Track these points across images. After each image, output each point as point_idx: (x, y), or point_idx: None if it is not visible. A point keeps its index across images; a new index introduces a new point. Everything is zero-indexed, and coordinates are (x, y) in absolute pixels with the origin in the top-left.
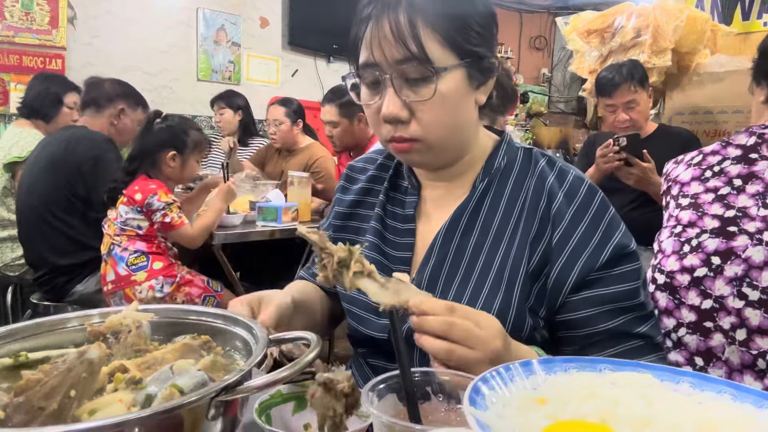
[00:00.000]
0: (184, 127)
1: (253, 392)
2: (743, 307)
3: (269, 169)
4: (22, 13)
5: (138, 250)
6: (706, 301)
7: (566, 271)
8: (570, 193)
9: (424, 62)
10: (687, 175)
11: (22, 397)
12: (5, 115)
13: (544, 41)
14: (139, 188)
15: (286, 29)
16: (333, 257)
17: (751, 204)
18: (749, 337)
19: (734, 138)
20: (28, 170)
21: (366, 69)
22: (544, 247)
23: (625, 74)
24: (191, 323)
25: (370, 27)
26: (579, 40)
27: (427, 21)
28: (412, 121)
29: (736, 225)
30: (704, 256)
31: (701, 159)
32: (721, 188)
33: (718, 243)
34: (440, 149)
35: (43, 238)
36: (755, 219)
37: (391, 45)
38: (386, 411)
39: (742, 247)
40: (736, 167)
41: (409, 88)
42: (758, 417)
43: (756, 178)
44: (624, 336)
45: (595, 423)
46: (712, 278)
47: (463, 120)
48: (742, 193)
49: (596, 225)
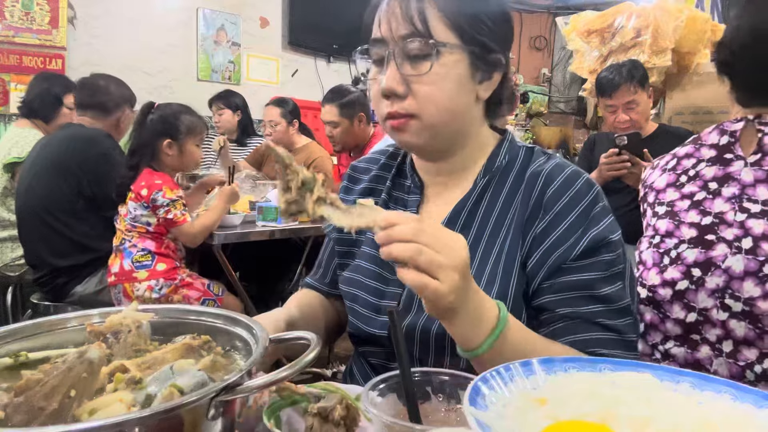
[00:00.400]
0: (176, 114)
1: (253, 392)
2: (727, 318)
3: (267, 170)
4: (22, 13)
5: (146, 248)
6: (690, 314)
7: (544, 258)
8: (565, 184)
9: (426, 36)
10: (662, 182)
11: (22, 397)
12: (5, 115)
13: (544, 41)
14: (145, 183)
15: (286, 29)
16: (297, 176)
17: (728, 209)
18: (736, 349)
19: (706, 138)
20: (27, 171)
21: (374, 45)
22: (532, 233)
23: (625, 75)
24: (191, 323)
25: (381, 7)
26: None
27: (436, 2)
28: (408, 96)
29: (714, 233)
30: (684, 268)
31: (675, 163)
32: (696, 193)
33: (696, 254)
34: (433, 130)
35: (43, 239)
36: (732, 225)
37: (398, 21)
38: (386, 411)
39: (721, 257)
40: (711, 169)
41: (409, 64)
42: (758, 417)
43: (731, 179)
44: (595, 325)
45: (595, 423)
46: (694, 291)
47: (459, 106)
48: (717, 197)
49: (583, 218)
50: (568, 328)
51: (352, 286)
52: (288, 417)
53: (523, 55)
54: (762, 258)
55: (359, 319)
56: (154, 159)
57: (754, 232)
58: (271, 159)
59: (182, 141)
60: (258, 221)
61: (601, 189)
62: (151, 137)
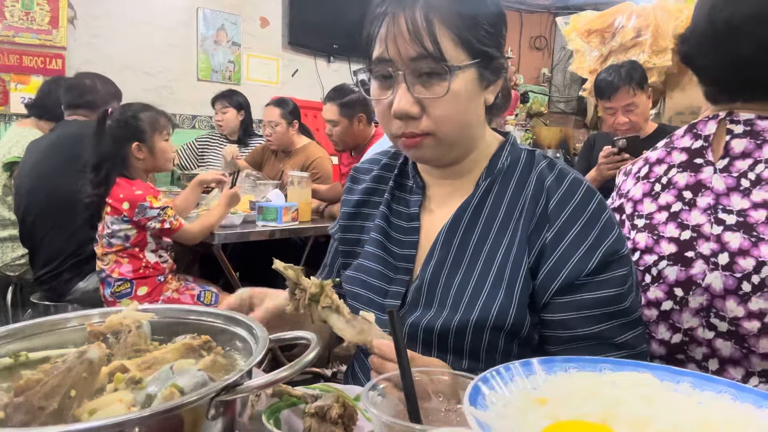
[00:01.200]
0: (135, 114)
1: (253, 392)
2: (714, 338)
3: (267, 171)
4: (22, 13)
5: (122, 276)
6: (675, 335)
7: (554, 273)
8: (568, 194)
9: (438, 60)
10: (638, 191)
11: (22, 397)
12: (5, 115)
13: (544, 41)
14: (124, 196)
15: (286, 29)
16: (305, 293)
17: (704, 220)
18: (722, 368)
19: (678, 141)
20: (30, 171)
21: (379, 64)
22: (540, 244)
23: (623, 77)
24: (191, 323)
25: (385, 23)
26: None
27: (443, 19)
28: (423, 116)
29: (692, 249)
30: (666, 287)
31: (648, 170)
32: (672, 204)
33: (677, 272)
34: (449, 145)
35: (48, 238)
36: (709, 239)
37: (406, 42)
38: (386, 411)
39: (700, 275)
40: (683, 176)
41: (421, 84)
42: (758, 417)
43: (704, 187)
44: (605, 345)
45: (595, 423)
46: (679, 311)
47: (472, 118)
48: (694, 208)
49: (590, 228)
50: (587, 350)
51: (354, 284)
52: (287, 418)
53: (523, 55)
54: (739, 274)
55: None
56: (125, 167)
57: (731, 247)
58: (270, 160)
59: (150, 140)
60: (258, 221)
61: (602, 196)
62: (116, 145)
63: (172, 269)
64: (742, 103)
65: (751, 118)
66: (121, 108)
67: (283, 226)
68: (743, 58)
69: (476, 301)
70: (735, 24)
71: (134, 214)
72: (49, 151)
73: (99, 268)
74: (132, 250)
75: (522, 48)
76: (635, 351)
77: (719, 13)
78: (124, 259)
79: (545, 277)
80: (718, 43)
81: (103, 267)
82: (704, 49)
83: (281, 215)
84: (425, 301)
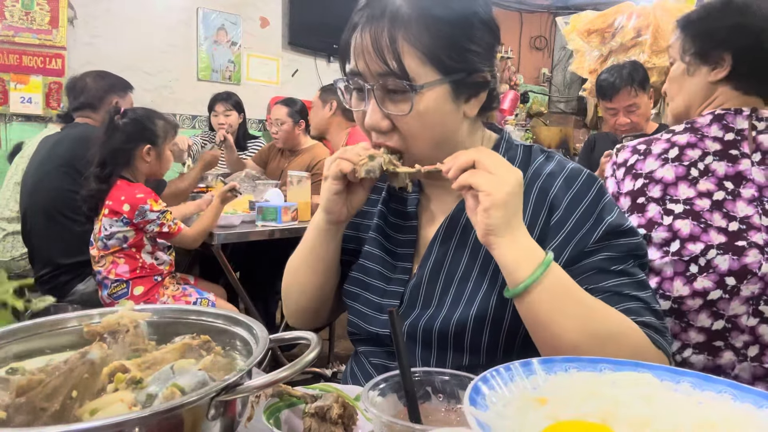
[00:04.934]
0: (150, 117)
1: (253, 392)
2: (757, 324)
3: (271, 169)
4: (22, 12)
5: (119, 277)
6: (717, 322)
7: (560, 250)
8: (569, 180)
9: (401, 78)
10: (669, 174)
11: (24, 398)
12: (5, 115)
13: (544, 41)
14: (125, 198)
15: (286, 29)
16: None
17: (752, 212)
18: (762, 352)
19: (706, 129)
20: (36, 170)
21: (352, 77)
22: (538, 232)
23: (625, 77)
24: (191, 323)
25: (355, 36)
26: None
27: (408, 37)
28: (394, 131)
29: (744, 239)
30: (717, 277)
31: (679, 153)
32: (714, 192)
33: (729, 261)
34: (425, 161)
35: (49, 237)
36: (760, 230)
37: (371, 57)
38: (386, 410)
39: (756, 264)
40: (720, 165)
41: (389, 100)
42: (758, 417)
43: (745, 179)
44: (617, 296)
45: (595, 423)
46: (727, 300)
47: (446, 134)
48: (738, 199)
49: (591, 211)
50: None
51: (353, 284)
52: (287, 418)
53: (523, 55)
54: None
55: (360, 317)
56: (128, 167)
57: None
58: (276, 158)
59: (161, 146)
60: (258, 221)
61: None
62: (125, 143)
63: (170, 271)
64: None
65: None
66: (136, 109)
67: (283, 226)
68: None
69: (475, 297)
70: None
71: (134, 216)
72: (53, 150)
73: (95, 271)
74: (129, 251)
75: (522, 48)
76: (651, 306)
77: None
78: (121, 260)
79: None
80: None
81: (99, 269)
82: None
83: (281, 215)
84: (423, 299)
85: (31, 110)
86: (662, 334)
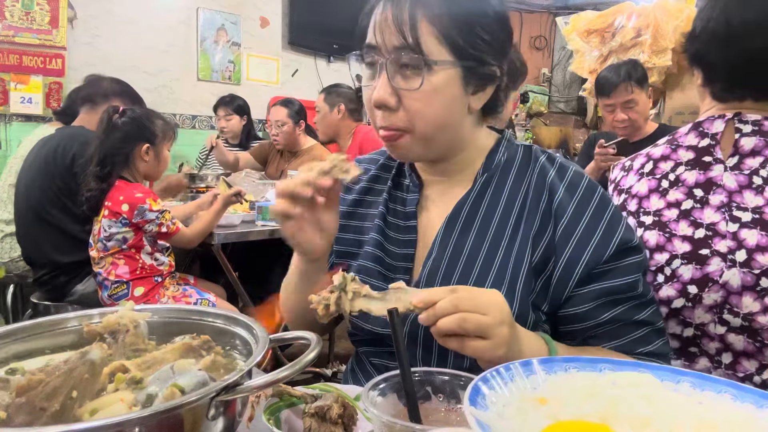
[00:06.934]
0: (149, 116)
1: (253, 392)
2: (725, 332)
3: (271, 170)
4: (22, 12)
5: (119, 278)
6: (687, 329)
7: (572, 265)
8: (571, 188)
9: (416, 52)
10: (643, 188)
11: (24, 398)
12: (5, 115)
13: (544, 41)
14: (124, 198)
15: (286, 29)
16: (333, 293)
17: (719, 218)
18: (735, 360)
19: (682, 138)
20: (27, 170)
21: (367, 51)
22: (547, 241)
23: (623, 74)
24: (191, 323)
25: (375, 13)
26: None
27: (429, 15)
28: (400, 110)
29: (708, 246)
30: (680, 285)
31: (653, 167)
32: (683, 202)
33: (692, 270)
34: (426, 143)
35: (43, 236)
36: (726, 236)
37: (390, 31)
38: (386, 410)
39: (718, 273)
40: (691, 174)
41: (401, 75)
42: (758, 417)
43: (716, 186)
44: (625, 326)
45: (595, 423)
46: (691, 308)
47: (451, 119)
48: (706, 206)
49: (599, 218)
50: (611, 334)
51: None
52: (287, 418)
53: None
54: (757, 271)
55: (360, 317)
56: (127, 166)
57: (748, 244)
58: (275, 159)
59: (159, 145)
60: (257, 221)
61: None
62: (124, 142)
63: (170, 272)
64: (751, 102)
65: (759, 119)
66: (135, 108)
67: None
68: (757, 57)
69: None
70: (751, 23)
71: (133, 216)
72: (41, 151)
73: (96, 272)
74: (128, 252)
75: (522, 48)
76: (656, 327)
77: (736, 11)
78: (121, 261)
79: (563, 271)
80: (732, 41)
81: (99, 270)
82: (716, 47)
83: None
84: None
85: (31, 110)
86: (664, 357)
